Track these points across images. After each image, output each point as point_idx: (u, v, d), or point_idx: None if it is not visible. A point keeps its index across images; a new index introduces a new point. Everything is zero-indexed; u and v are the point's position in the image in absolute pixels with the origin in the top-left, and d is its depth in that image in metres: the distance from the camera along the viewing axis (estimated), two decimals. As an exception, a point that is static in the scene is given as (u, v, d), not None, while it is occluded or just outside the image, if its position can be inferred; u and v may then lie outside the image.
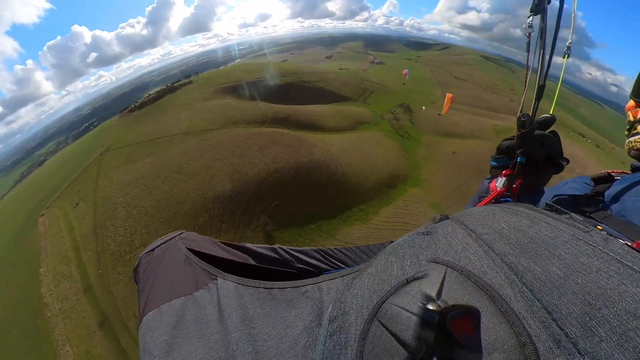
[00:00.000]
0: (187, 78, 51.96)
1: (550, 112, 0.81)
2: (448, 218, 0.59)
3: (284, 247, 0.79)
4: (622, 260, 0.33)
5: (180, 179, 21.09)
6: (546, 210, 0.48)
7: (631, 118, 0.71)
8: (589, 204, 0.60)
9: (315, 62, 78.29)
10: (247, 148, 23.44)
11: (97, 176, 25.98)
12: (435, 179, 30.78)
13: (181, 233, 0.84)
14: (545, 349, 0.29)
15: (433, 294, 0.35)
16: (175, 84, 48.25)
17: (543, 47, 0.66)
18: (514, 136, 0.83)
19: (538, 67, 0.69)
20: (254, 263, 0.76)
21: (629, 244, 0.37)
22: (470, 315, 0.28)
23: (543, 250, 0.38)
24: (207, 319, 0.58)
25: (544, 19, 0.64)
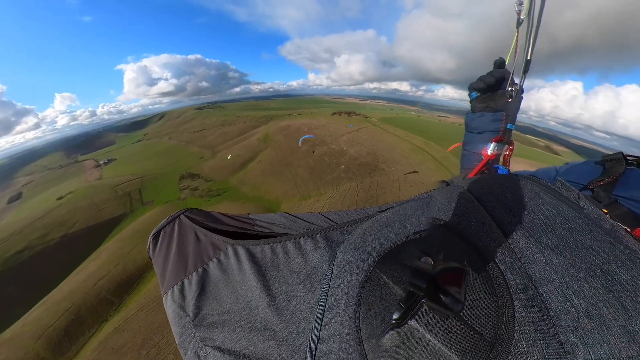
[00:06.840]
0: None
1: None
2: (450, 184, 0.65)
3: (289, 213, 0.83)
4: (613, 242, 0.35)
5: None
6: (555, 187, 0.50)
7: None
8: (602, 187, 0.61)
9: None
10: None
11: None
12: (275, 188, 36.55)
13: (185, 211, 0.87)
14: (520, 306, 0.33)
15: (429, 251, 0.38)
16: None
17: (531, 25, 0.73)
18: (486, 76, 0.91)
19: (526, 42, 0.75)
20: (260, 229, 0.79)
21: (628, 229, 0.39)
22: (460, 272, 0.31)
23: (541, 224, 0.40)
24: (227, 281, 0.64)
25: (532, 2, 0.71)
